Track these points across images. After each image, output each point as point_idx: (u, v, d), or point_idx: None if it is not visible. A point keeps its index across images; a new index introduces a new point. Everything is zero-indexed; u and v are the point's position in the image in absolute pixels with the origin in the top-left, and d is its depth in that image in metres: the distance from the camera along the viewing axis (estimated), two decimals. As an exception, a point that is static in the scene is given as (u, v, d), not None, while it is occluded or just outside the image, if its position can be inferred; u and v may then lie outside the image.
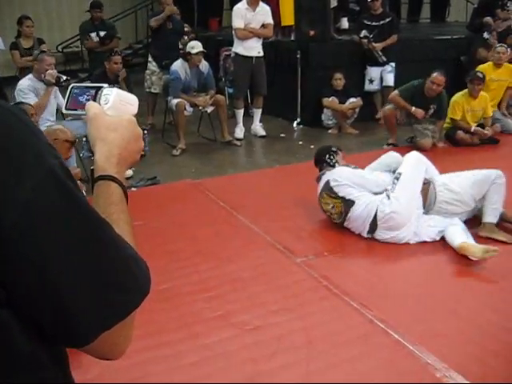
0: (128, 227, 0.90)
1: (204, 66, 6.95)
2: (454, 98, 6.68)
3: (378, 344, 2.85)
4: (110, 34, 8.08)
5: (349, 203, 4.06)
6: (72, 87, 1.10)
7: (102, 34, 7.93)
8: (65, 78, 5.65)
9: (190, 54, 6.74)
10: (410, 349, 2.77)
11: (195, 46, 6.76)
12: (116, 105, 1.03)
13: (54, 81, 5.50)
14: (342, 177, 4.12)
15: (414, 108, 6.40)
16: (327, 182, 4.16)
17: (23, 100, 5.40)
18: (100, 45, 7.92)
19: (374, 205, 3.99)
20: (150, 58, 7.98)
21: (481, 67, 7.34)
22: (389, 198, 3.96)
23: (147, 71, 7.94)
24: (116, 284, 0.77)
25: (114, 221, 0.84)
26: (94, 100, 1.04)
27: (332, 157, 4.36)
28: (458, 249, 3.73)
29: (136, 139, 1.02)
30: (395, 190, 3.98)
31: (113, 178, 0.94)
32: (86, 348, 0.78)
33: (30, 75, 5.73)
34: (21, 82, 5.71)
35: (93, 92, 1.06)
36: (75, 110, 1.08)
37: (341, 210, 4.10)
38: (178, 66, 6.82)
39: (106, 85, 1.07)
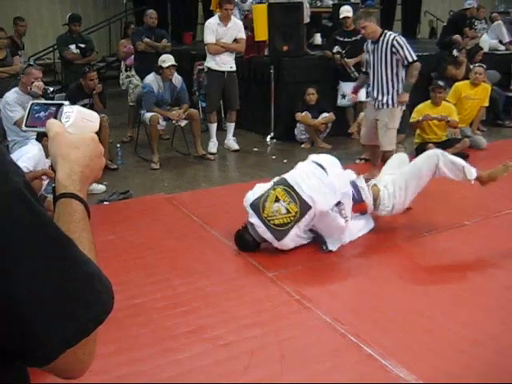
0: (90, 245, 0.90)
1: (177, 79, 6.96)
2: (416, 108, 6.84)
3: (350, 358, 2.88)
4: (90, 46, 8.11)
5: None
6: (32, 104, 1.09)
7: (81, 46, 7.95)
8: (52, 89, 5.61)
9: (161, 67, 6.74)
10: (382, 362, 2.79)
11: (166, 60, 6.76)
12: (77, 122, 1.03)
13: (40, 93, 5.42)
14: None
15: None
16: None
17: (10, 113, 5.34)
18: (81, 57, 7.93)
19: None
20: (132, 73, 8.01)
21: (458, 84, 7.50)
22: None
23: (130, 85, 7.97)
24: (80, 301, 0.78)
25: (76, 239, 0.84)
26: (55, 118, 1.04)
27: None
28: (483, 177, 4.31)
29: (98, 156, 1.02)
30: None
31: (74, 196, 0.94)
32: (50, 366, 0.78)
33: (17, 88, 5.66)
34: (7, 94, 5.62)
35: (53, 109, 1.05)
36: (35, 126, 1.07)
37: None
38: (151, 79, 6.81)
39: (66, 102, 1.07)
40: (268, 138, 7.99)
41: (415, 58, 5.43)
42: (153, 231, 4.62)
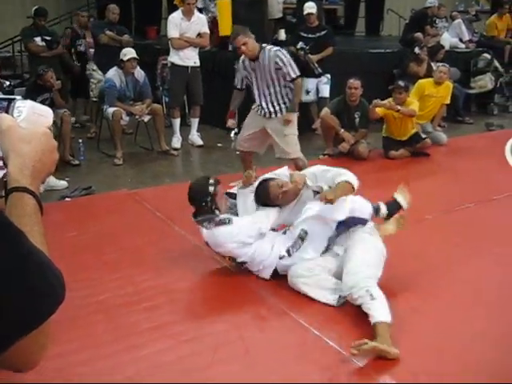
0: (42, 238, 0.90)
1: (140, 74, 6.90)
2: None
3: (313, 350, 2.90)
4: (56, 39, 7.98)
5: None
6: None
7: (47, 38, 7.81)
8: (8, 83, 5.51)
9: (122, 60, 6.68)
10: (345, 355, 2.83)
11: (127, 53, 6.71)
12: (29, 117, 1.03)
13: None
14: (219, 244, 3.59)
15: (342, 130, 6.70)
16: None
17: None
18: (47, 49, 7.80)
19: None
20: (94, 67, 7.88)
21: (420, 82, 7.61)
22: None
23: (92, 80, 7.83)
24: (32, 291, 0.78)
25: (27, 232, 0.84)
26: (7, 112, 1.03)
27: (209, 202, 3.62)
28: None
29: (51, 151, 1.02)
30: None
31: (26, 190, 0.94)
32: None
33: None
34: None
35: (5, 104, 1.05)
36: None
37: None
38: (113, 73, 6.74)
39: (19, 97, 1.06)
40: (232, 134, 7.94)
41: (298, 74, 5.12)
42: (116, 227, 4.58)
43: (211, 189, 3.60)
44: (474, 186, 5.71)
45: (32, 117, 1.03)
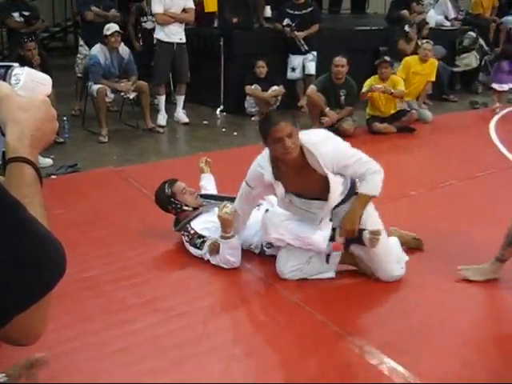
0: (42, 210, 0.89)
1: (124, 50, 6.83)
2: (365, 82, 6.98)
3: (301, 323, 2.94)
4: (35, 14, 7.79)
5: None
6: None
7: (25, 14, 7.62)
8: None
9: (106, 36, 6.60)
10: (330, 325, 2.87)
11: (110, 28, 6.63)
12: (27, 85, 1.00)
13: None
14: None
15: (327, 109, 6.71)
16: None
17: None
18: (26, 25, 7.61)
19: None
20: (81, 42, 7.77)
21: (407, 59, 7.63)
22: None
23: (79, 55, 7.71)
24: (31, 265, 0.77)
25: (27, 204, 0.82)
26: (4, 80, 1.00)
27: (172, 203, 3.78)
28: None
29: (50, 120, 0.99)
30: None
31: (25, 160, 0.92)
32: (1, 333, 0.77)
33: None
34: None
35: (2, 71, 1.02)
36: None
37: None
38: (97, 50, 6.65)
39: (16, 64, 1.03)
40: (218, 111, 7.96)
41: None
42: (103, 204, 4.57)
43: (168, 191, 3.78)
44: (458, 163, 5.76)
45: (30, 84, 1.00)
